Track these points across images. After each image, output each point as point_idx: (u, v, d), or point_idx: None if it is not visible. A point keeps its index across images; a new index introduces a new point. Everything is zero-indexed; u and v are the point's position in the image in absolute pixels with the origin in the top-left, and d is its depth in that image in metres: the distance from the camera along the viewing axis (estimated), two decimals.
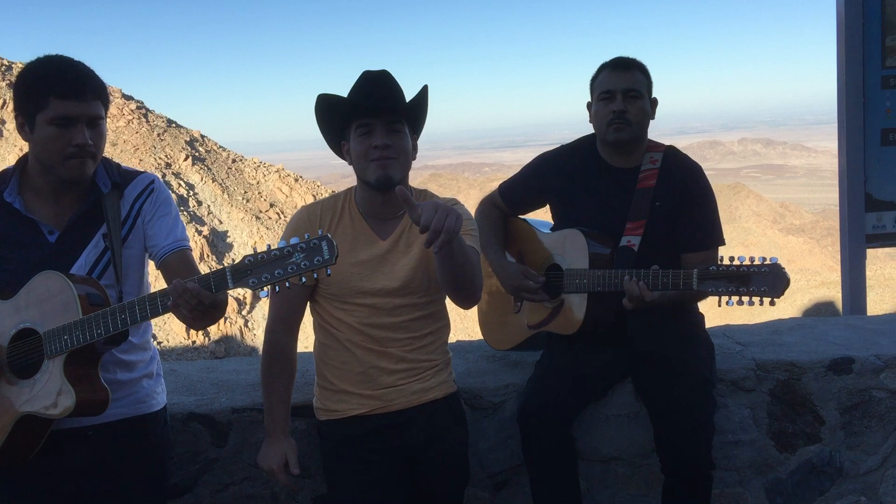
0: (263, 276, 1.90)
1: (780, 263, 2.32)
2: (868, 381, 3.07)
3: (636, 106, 2.87)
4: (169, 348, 36.24)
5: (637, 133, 2.90)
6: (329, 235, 1.91)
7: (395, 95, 2.46)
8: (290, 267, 1.89)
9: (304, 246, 1.89)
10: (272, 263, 1.90)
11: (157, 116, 51.68)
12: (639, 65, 2.95)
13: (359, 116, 2.43)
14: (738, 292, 2.33)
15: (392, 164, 2.42)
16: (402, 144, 2.45)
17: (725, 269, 2.36)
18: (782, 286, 2.28)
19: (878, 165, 4.26)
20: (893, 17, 4.17)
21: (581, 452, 2.97)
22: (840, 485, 3.12)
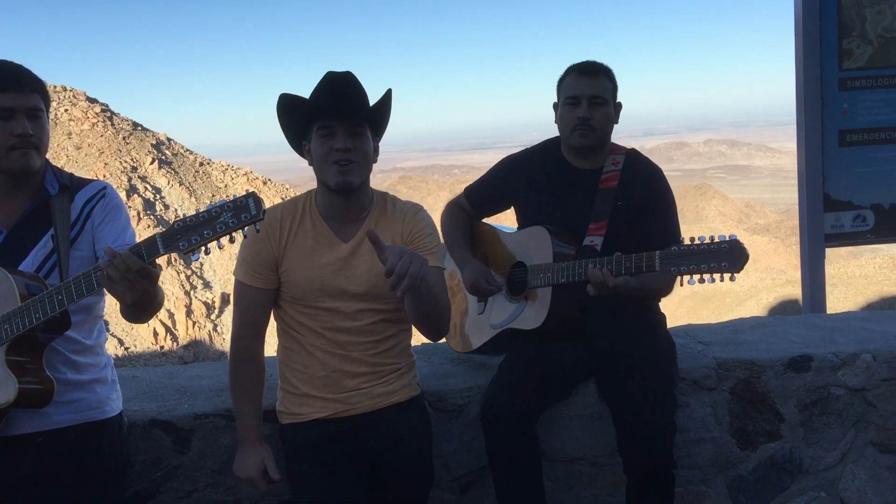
0: (193, 239, 1.89)
1: (739, 239, 2.36)
2: (826, 378, 3.12)
3: (601, 112, 2.90)
4: (136, 353, 35.87)
5: (601, 138, 2.94)
6: (255, 193, 1.90)
7: (358, 98, 2.44)
8: (219, 226, 1.88)
9: (231, 205, 1.88)
10: (201, 225, 1.89)
11: (123, 119, 51.11)
12: (605, 70, 2.97)
13: (320, 118, 2.42)
14: (699, 269, 2.35)
15: (353, 169, 2.41)
16: (364, 148, 2.44)
17: (687, 247, 2.40)
18: (742, 260, 2.32)
19: (836, 166, 4.34)
20: (850, 20, 4.25)
21: (545, 452, 2.98)
22: (800, 481, 3.17)
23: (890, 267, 28.59)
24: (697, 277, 2.35)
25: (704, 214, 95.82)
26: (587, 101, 2.89)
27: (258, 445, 2.51)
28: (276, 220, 2.51)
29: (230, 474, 2.83)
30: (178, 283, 40.74)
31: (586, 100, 2.89)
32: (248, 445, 2.50)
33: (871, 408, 3.15)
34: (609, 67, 2.98)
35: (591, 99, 2.89)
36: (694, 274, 2.35)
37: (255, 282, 2.50)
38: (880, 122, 4.34)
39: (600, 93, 2.90)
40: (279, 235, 2.50)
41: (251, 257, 2.50)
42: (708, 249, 2.34)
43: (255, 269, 2.50)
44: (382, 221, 2.57)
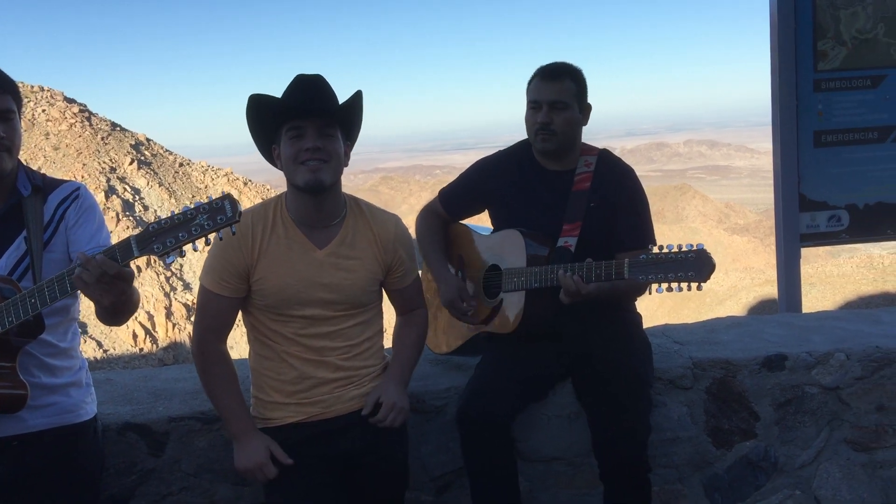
0: (168, 241, 1.88)
1: (706, 249, 2.38)
2: (800, 377, 3.14)
3: (562, 117, 2.88)
4: (115, 356, 35.57)
5: (563, 142, 2.93)
6: (231, 195, 1.90)
7: (327, 98, 2.43)
8: (195, 229, 1.88)
9: (206, 207, 1.88)
10: (176, 228, 1.89)
11: (101, 120, 50.67)
12: (570, 72, 2.93)
13: (290, 119, 2.39)
14: (666, 279, 2.38)
15: (323, 168, 2.39)
16: (334, 148, 2.42)
17: (654, 256, 2.42)
18: (708, 271, 2.34)
19: (811, 167, 4.38)
20: (824, 22, 4.29)
21: (522, 453, 2.99)
22: (775, 479, 3.19)
23: (867, 266, 28.92)
24: (665, 286, 2.37)
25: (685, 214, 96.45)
26: (548, 105, 2.87)
27: (257, 433, 2.47)
28: (247, 228, 2.47)
29: (205, 477, 2.82)
30: (157, 284, 40.45)
31: (547, 104, 2.87)
32: (247, 435, 2.45)
33: (844, 406, 3.18)
34: (575, 69, 2.95)
35: (552, 104, 2.87)
36: (661, 283, 2.37)
37: (223, 290, 2.46)
38: (854, 122, 4.37)
39: (561, 97, 2.88)
40: (251, 244, 2.46)
41: (221, 266, 2.46)
42: (675, 259, 2.36)
43: (223, 278, 2.46)
44: (358, 227, 2.56)
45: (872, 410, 3.19)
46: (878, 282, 26.41)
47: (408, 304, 2.74)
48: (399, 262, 2.62)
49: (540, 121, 2.88)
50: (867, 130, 4.40)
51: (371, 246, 2.55)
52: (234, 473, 2.81)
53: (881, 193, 4.45)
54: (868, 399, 3.19)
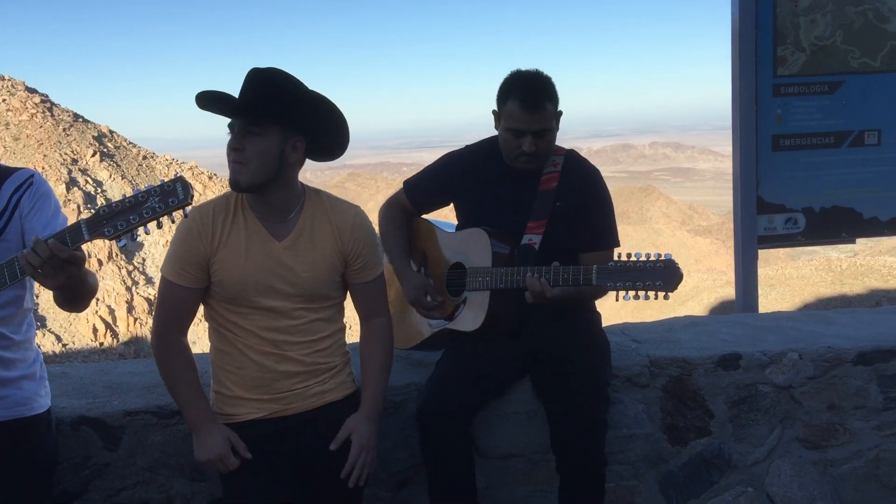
0: (119, 224, 1.88)
1: (674, 259, 2.41)
2: (754, 376, 3.20)
3: (545, 140, 2.86)
4: (75, 350, 35.02)
5: (546, 159, 2.93)
6: (183, 177, 1.91)
7: (259, 93, 2.32)
8: (146, 212, 1.88)
9: (158, 190, 1.89)
10: (127, 211, 1.89)
11: (63, 111, 49.80)
12: (548, 93, 2.85)
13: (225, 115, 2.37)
14: (634, 287, 2.41)
15: (241, 169, 2.35)
16: (256, 149, 2.34)
17: (623, 264, 2.45)
18: (675, 281, 2.37)
19: (769, 170, 4.45)
20: (784, 28, 4.36)
21: (481, 449, 3.00)
22: (728, 476, 3.24)
23: (825, 269, 29.46)
24: (633, 294, 2.40)
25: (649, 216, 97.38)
26: (532, 135, 2.82)
27: (217, 424, 2.44)
28: (208, 218, 2.45)
29: (161, 472, 2.80)
30: (119, 278, 39.88)
31: (532, 134, 2.82)
32: (206, 426, 2.42)
33: (796, 405, 3.25)
34: (550, 85, 2.87)
35: (537, 133, 2.83)
36: (629, 290, 2.41)
37: (183, 280, 2.44)
38: (812, 127, 4.45)
39: (545, 125, 2.83)
40: (211, 233, 2.44)
41: (181, 255, 2.44)
42: (643, 267, 2.40)
43: (184, 268, 2.44)
44: (317, 218, 2.54)
45: (824, 409, 3.26)
46: (835, 284, 26.94)
47: (370, 304, 2.67)
48: (357, 254, 2.56)
49: (527, 150, 2.83)
50: (824, 135, 4.48)
51: (330, 237, 2.53)
52: (190, 468, 2.80)
53: (837, 197, 4.54)
54: (820, 398, 3.25)
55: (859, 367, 3.25)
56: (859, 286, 25.96)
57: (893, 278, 27.45)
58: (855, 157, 4.50)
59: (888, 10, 4.39)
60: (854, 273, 28.44)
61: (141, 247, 41.48)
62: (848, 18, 4.38)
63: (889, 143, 4.50)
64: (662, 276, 2.37)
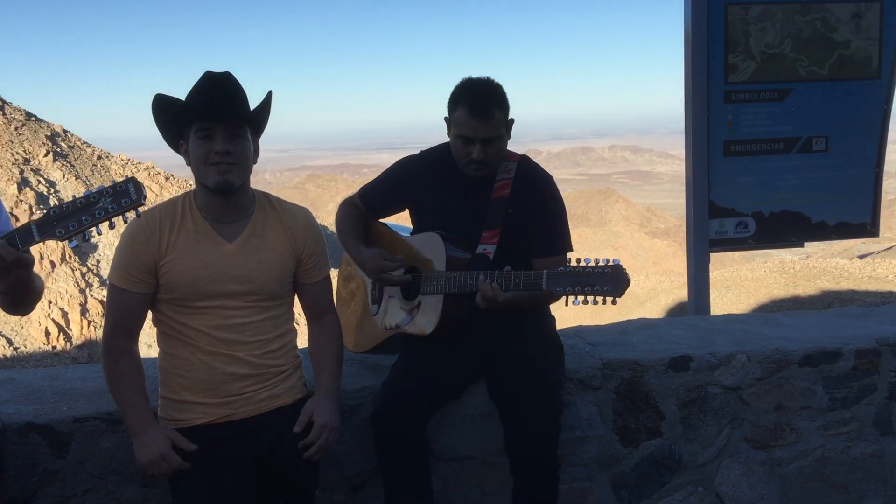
0: (70, 225, 1.87)
1: (622, 265, 2.44)
2: (704, 377, 3.26)
3: (495, 148, 2.86)
4: (27, 353, 34.25)
5: (496, 166, 2.94)
6: (135, 178, 1.91)
7: (237, 100, 2.42)
8: (98, 212, 1.87)
9: (110, 190, 1.89)
10: (78, 212, 1.88)
11: (15, 109, 48.72)
12: (497, 100, 2.85)
13: (199, 120, 2.38)
14: (583, 292, 2.44)
15: (232, 170, 2.40)
16: (244, 150, 2.43)
17: (572, 269, 2.47)
18: (623, 286, 2.40)
19: (720, 175, 4.53)
20: (735, 36, 4.45)
21: (436, 451, 3.01)
22: (679, 476, 3.30)
23: (779, 271, 30.04)
24: (581, 299, 2.43)
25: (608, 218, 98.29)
26: (480, 142, 2.83)
27: (156, 425, 2.41)
28: (154, 222, 2.45)
29: (111, 479, 2.76)
30: (72, 281, 39.13)
31: (480, 142, 2.83)
32: (144, 427, 2.39)
33: (745, 406, 3.31)
34: (500, 92, 2.87)
35: (485, 140, 2.83)
36: (578, 295, 2.43)
37: (132, 286, 2.43)
38: (761, 133, 4.55)
39: (493, 133, 2.84)
40: (159, 237, 2.44)
41: (128, 261, 2.43)
42: (592, 273, 2.42)
43: (131, 273, 2.42)
44: (268, 220, 2.56)
45: (771, 410, 3.33)
46: (788, 286, 27.48)
47: (318, 304, 2.71)
48: (310, 253, 2.62)
49: (476, 157, 2.84)
50: (773, 141, 4.58)
51: (281, 237, 2.56)
52: (141, 475, 2.76)
53: (786, 202, 4.65)
54: (767, 399, 3.32)
55: (805, 368, 3.33)
56: (812, 288, 26.52)
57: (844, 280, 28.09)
58: (803, 162, 4.61)
59: (836, 20, 4.51)
60: (807, 275, 29.05)
61: (95, 248, 40.76)
62: (797, 27, 4.48)
63: (836, 149, 4.63)
64: (610, 281, 2.40)
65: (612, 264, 2.42)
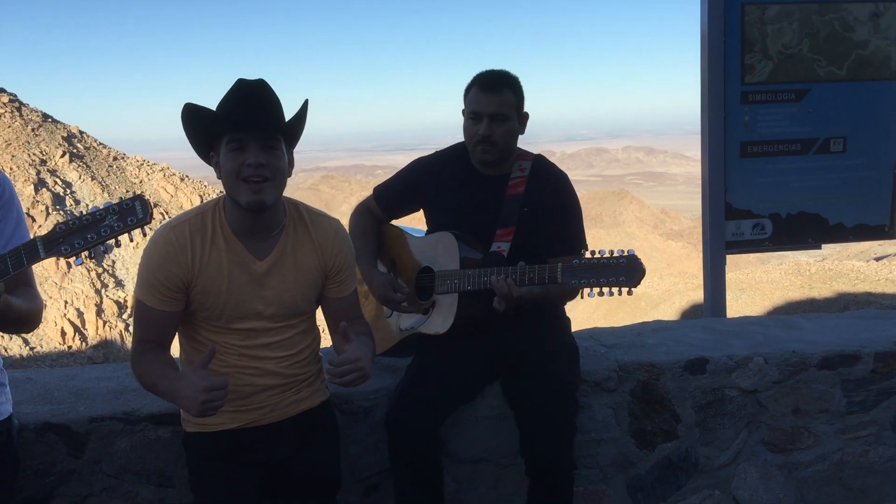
0: (76, 243, 1.87)
1: (637, 255, 2.43)
2: (721, 380, 3.24)
3: (502, 128, 2.87)
4: (42, 353, 34.48)
5: (503, 153, 2.93)
6: (142, 195, 1.89)
7: (272, 111, 2.29)
8: (104, 230, 1.87)
9: (116, 208, 1.88)
10: (84, 229, 1.88)
11: (32, 110, 49.08)
12: (510, 83, 2.91)
13: (231, 131, 2.26)
14: (598, 283, 2.43)
15: (266, 188, 2.28)
16: (278, 164, 2.31)
17: (587, 261, 2.46)
18: (638, 276, 2.40)
19: (737, 176, 4.50)
20: (752, 36, 4.42)
21: (450, 453, 3.01)
22: (695, 479, 3.28)
23: (795, 273, 29.81)
24: (597, 290, 2.42)
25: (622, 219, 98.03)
26: (488, 118, 2.85)
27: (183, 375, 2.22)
28: (185, 241, 2.35)
29: (127, 478, 2.77)
30: (88, 281, 39.35)
31: (487, 117, 2.85)
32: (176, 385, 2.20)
33: (762, 409, 3.29)
34: (514, 78, 2.94)
35: (493, 116, 2.85)
36: (593, 287, 2.42)
37: (162, 305, 2.35)
38: (779, 134, 4.51)
39: (502, 109, 2.86)
40: (191, 256, 2.34)
41: (158, 280, 2.33)
42: (607, 263, 2.42)
43: (161, 293, 2.34)
44: (298, 235, 2.49)
45: (789, 413, 3.31)
46: (804, 288, 27.26)
47: (347, 317, 2.57)
48: (338, 268, 2.53)
49: (481, 133, 2.85)
50: (791, 142, 4.54)
51: (311, 254, 2.48)
52: (157, 474, 2.78)
53: (803, 203, 4.61)
54: (784, 402, 3.30)
55: (823, 371, 3.30)
56: (828, 290, 26.31)
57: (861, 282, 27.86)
58: (821, 163, 4.57)
59: (854, 20, 4.47)
60: (823, 277, 28.82)
61: (110, 249, 41.05)
62: (815, 27, 4.45)
63: (854, 150, 4.58)
64: (625, 271, 2.40)
65: (628, 254, 2.42)
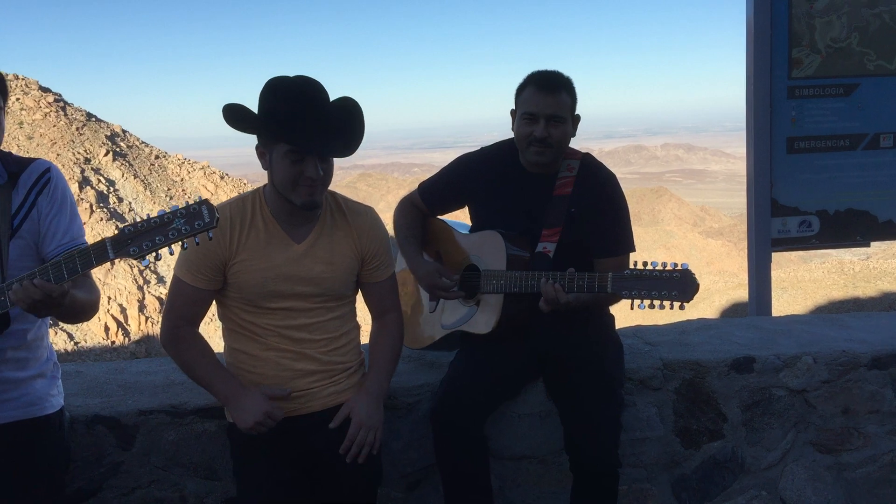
0: (144, 245, 1.90)
1: (691, 269, 2.39)
2: (768, 379, 3.19)
3: (559, 131, 2.84)
4: (86, 348, 35.17)
5: (557, 155, 2.91)
6: (208, 200, 1.92)
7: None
8: (172, 233, 1.90)
9: (183, 212, 1.90)
10: (152, 231, 1.90)
11: (76, 110, 50.06)
12: (566, 85, 2.87)
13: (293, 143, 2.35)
14: (650, 296, 2.40)
15: (319, 190, 2.44)
16: (331, 171, 2.47)
17: (639, 272, 2.43)
18: (692, 291, 2.35)
19: (783, 172, 4.43)
20: (800, 30, 4.34)
21: (494, 451, 3.00)
22: (742, 480, 3.23)
23: (838, 272, 29.28)
24: (648, 303, 2.39)
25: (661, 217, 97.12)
26: (545, 119, 2.81)
27: (246, 388, 2.43)
28: (225, 221, 2.45)
29: (175, 471, 2.81)
30: (130, 277, 40.05)
31: (544, 118, 2.81)
32: (238, 393, 2.42)
33: (810, 409, 3.23)
34: (569, 80, 2.89)
35: (550, 118, 2.81)
36: (644, 299, 2.39)
37: (198, 282, 2.47)
38: (826, 129, 4.43)
39: (559, 111, 2.82)
40: (229, 236, 2.46)
41: (198, 258, 2.44)
42: (659, 276, 2.38)
43: (200, 270, 2.46)
44: (335, 220, 2.59)
45: (838, 413, 3.25)
46: (847, 287, 26.76)
47: (382, 302, 2.72)
48: (374, 253, 2.63)
49: (538, 135, 2.81)
50: (839, 138, 4.46)
51: (347, 238, 2.58)
52: (204, 467, 2.81)
53: (851, 200, 4.52)
54: (834, 402, 3.24)
55: (874, 371, 3.24)
56: (872, 289, 25.78)
57: None
58: (870, 159, 4.47)
59: None
60: (867, 276, 28.25)
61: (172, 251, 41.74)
62: (864, 20, 4.35)
63: None
64: (678, 286, 2.36)
65: (681, 268, 2.38)
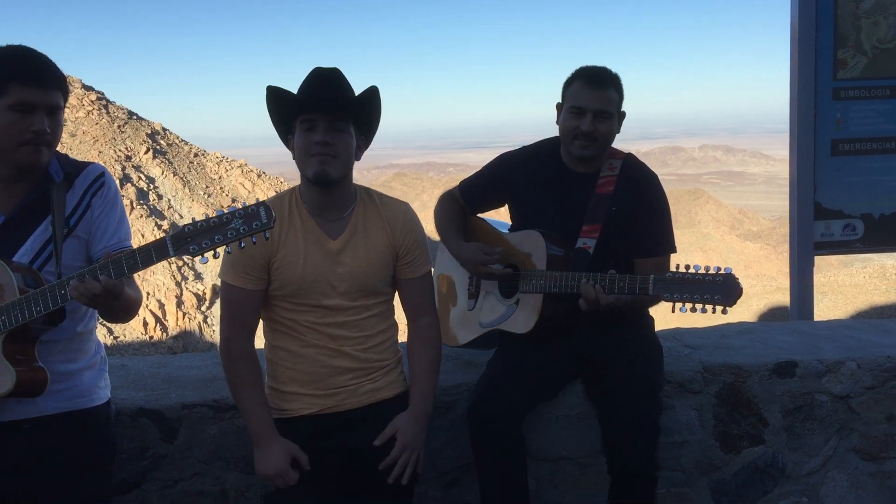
0: (204, 243, 1.93)
1: (734, 274, 2.37)
2: (810, 384, 3.15)
3: (605, 126, 2.85)
4: (125, 343, 35.74)
5: (602, 150, 2.91)
6: (265, 202, 1.94)
7: (339, 92, 2.46)
8: (230, 233, 1.92)
9: (242, 212, 1.92)
10: (212, 230, 1.93)
11: (118, 108, 50.91)
12: (614, 80, 2.88)
13: (303, 111, 2.44)
14: (692, 299, 2.38)
15: (331, 162, 2.44)
16: (344, 143, 2.46)
17: (681, 276, 2.41)
18: (735, 295, 2.33)
19: (827, 175, 4.37)
20: (845, 30, 4.28)
21: (531, 451, 3.00)
22: (783, 485, 3.19)
23: (879, 276, 28.72)
24: (690, 306, 2.38)
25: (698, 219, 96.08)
26: (592, 114, 2.82)
27: (278, 437, 2.46)
28: None
29: (216, 464, 2.85)
30: (168, 273, 40.62)
31: (592, 113, 2.82)
32: (268, 440, 2.44)
33: (854, 415, 3.18)
34: (617, 76, 2.90)
35: (597, 112, 2.82)
36: (686, 303, 2.38)
37: (246, 283, 2.49)
38: (872, 132, 4.37)
39: (607, 106, 2.83)
40: (270, 234, 2.49)
41: (242, 259, 2.46)
42: (702, 280, 2.37)
43: (246, 271, 2.48)
44: (369, 215, 2.60)
45: (882, 420, 3.20)
46: (890, 292, 26.23)
47: (417, 302, 2.69)
48: (408, 248, 2.62)
49: (585, 129, 2.82)
50: (885, 140, 4.39)
51: (382, 232, 2.59)
52: (245, 461, 2.85)
53: None
54: (878, 409, 3.19)
55: None
56: None
57: None
58: None
59: None
60: None
61: None
62: None
63: None
64: (722, 290, 2.34)
65: (724, 272, 2.36)
